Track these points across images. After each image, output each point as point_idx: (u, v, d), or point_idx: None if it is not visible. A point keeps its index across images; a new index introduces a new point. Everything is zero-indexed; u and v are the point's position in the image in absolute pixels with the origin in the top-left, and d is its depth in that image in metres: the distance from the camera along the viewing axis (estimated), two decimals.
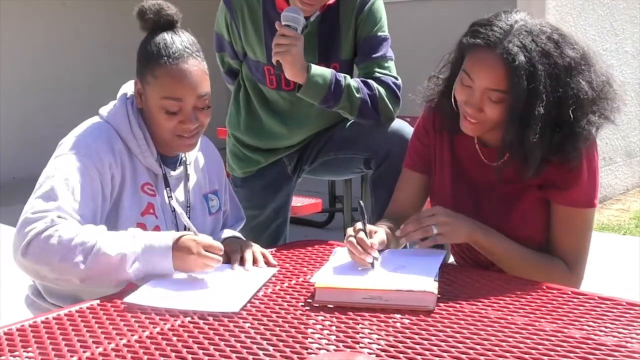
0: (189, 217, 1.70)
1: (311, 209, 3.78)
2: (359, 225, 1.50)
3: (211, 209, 1.76)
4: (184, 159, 1.72)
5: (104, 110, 1.66)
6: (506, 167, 1.61)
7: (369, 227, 1.52)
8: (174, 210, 1.67)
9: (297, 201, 3.62)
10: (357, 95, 2.05)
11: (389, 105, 2.10)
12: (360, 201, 1.56)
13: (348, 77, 2.07)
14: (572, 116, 1.49)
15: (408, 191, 1.78)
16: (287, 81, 2.14)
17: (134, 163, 1.63)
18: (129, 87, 1.70)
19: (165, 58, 1.57)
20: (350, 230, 1.51)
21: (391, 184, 1.84)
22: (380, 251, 1.54)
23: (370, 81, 2.08)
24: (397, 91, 2.10)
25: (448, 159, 1.73)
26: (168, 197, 1.66)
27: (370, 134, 2.15)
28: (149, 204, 1.62)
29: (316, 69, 2.02)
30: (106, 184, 1.56)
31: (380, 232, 1.55)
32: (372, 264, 1.48)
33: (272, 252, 1.72)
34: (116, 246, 1.41)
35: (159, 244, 1.43)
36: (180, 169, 1.71)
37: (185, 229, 1.68)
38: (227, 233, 1.78)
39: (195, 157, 1.77)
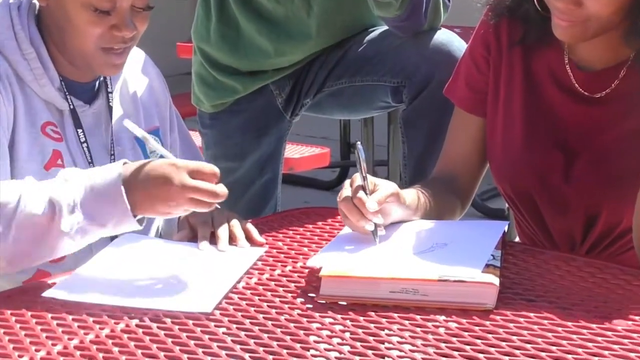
0: None
1: (314, 163, 3.77)
2: (357, 179, 1.50)
3: (150, 156, 1.76)
4: (105, 85, 1.71)
5: None
6: (617, 100, 1.60)
7: (371, 179, 1.52)
8: (91, 162, 1.66)
9: (293, 151, 3.61)
10: None
11: (441, 6, 2.09)
12: (358, 142, 1.55)
13: None
14: None
15: (464, 143, 1.78)
16: None
17: (28, 95, 1.62)
18: None
19: None
20: (346, 186, 1.51)
21: (431, 123, 1.83)
22: (389, 223, 1.54)
23: None
24: None
25: (520, 89, 1.71)
26: (82, 142, 1.66)
27: (402, 50, 2.14)
28: (54, 152, 1.63)
29: None
30: None
31: (385, 186, 1.53)
32: (375, 233, 1.48)
33: (259, 224, 1.71)
34: (43, 198, 1.39)
35: (104, 178, 1.39)
36: (100, 100, 1.71)
37: None
38: None
39: (122, 81, 1.76)
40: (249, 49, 2.25)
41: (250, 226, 1.65)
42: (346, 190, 1.50)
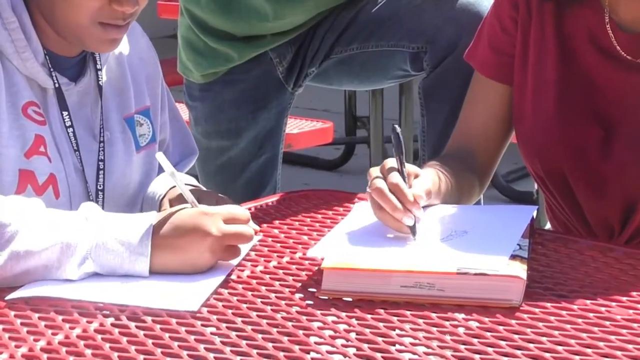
0: (103, 157, 1.70)
1: (315, 139, 3.77)
2: (390, 162, 1.49)
3: (139, 141, 1.77)
4: (93, 61, 1.71)
5: None
6: None
7: (407, 166, 1.51)
8: (77, 150, 1.66)
9: (291, 125, 3.61)
10: None
11: None
12: (395, 125, 1.54)
13: None
14: None
15: (484, 113, 1.78)
16: None
17: (8, 70, 1.61)
18: None
19: None
20: (374, 172, 1.49)
21: (456, 94, 1.82)
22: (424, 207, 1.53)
23: None
24: None
25: (553, 52, 1.71)
26: (67, 126, 1.66)
27: (423, 10, 2.14)
28: (37, 137, 1.62)
29: None
30: None
31: (425, 177, 1.53)
32: (414, 230, 1.47)
33: (251, 209, 1.71)
34: (54, 237, 1.40)
35: (131, 232, 1.41)
36: (87, 78, 1.70)
37: (97, 191, 1.69)
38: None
39: (109, 54, 1.75)
40: (244, 11, 2.23)
41: (242, 211, 1.65)
42: (375, 173, 1.48)
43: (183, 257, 1.42)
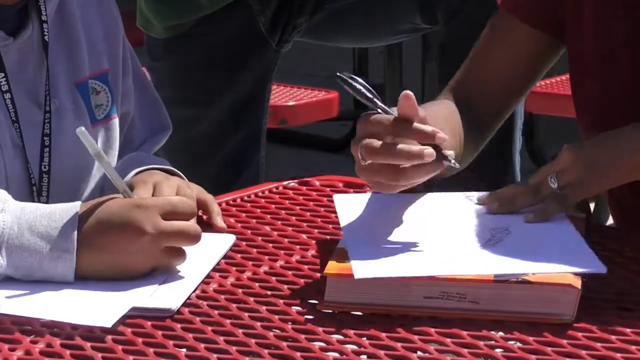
0: (49, 131, 1.70)
1: (317, 113, 3.77)
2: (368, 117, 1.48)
3: (95, 112, 1.77)
4: (37, 11, 1.71)
5: None
6: None
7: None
8: (16, 121, 1.67)
9: (286, 95, 3.61)
10: None
11: None
12: (343, 74, 1.52)
13: None
14: None
15: (502, 54, 1.78)
16: None
17: None
18: None
19: None
20: (356, 141, 1.46)
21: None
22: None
23: None
24: None
25: (622, 5, 1.70)
26: (4, 92, 1.66)
27: None
28: None
29: None
30: None
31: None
32: (445, 155, 1.44)
33: (236, 200, 1.73)
34: None
35: (51, 224, 1.43)
36: (29, 31, 1.70)
37: (42, 172, 1.69)
38: (136, 162, 1.78)
39: (58, 4, 1.75)
40: None
41: (209, 201, 1.66)
42: (358, 142, 1.46)
43: (110, 259, 1.44)
